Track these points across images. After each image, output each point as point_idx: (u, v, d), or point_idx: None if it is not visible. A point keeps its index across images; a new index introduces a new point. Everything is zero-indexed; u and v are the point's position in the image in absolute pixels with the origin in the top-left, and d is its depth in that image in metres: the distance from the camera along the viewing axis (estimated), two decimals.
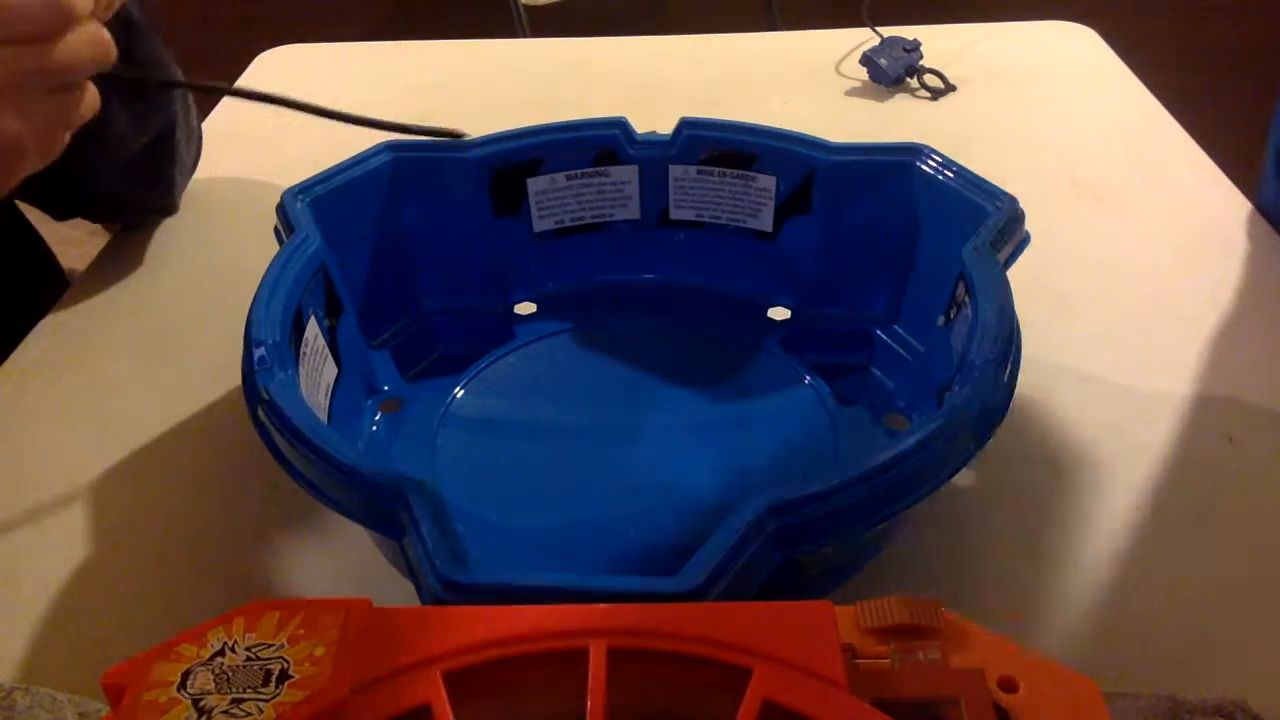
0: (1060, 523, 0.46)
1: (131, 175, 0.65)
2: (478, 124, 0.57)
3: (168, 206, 0.70)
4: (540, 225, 0.57)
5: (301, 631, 0.29)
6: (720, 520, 0.34)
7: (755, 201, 0.56)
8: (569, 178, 0.56)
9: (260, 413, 0.40)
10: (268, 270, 0.46)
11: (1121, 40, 0.90)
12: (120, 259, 0.67)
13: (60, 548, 0.47)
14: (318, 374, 0.48)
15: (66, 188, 0.64)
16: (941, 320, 0.49)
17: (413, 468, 0.49)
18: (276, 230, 0.50)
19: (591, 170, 0.56)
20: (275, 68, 0.92)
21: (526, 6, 1.60)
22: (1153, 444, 0.50)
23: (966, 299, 0.45)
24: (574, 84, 0.87)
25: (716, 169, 0.55)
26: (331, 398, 0.49)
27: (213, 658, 0.29)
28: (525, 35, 1.58)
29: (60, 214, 0.68)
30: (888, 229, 0.53)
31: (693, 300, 0.58)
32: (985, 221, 0.47)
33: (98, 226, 0.77)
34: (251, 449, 0.41)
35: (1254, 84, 0.70)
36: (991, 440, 0.39)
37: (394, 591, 0.43)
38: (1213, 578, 0.44)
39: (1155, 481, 0.48)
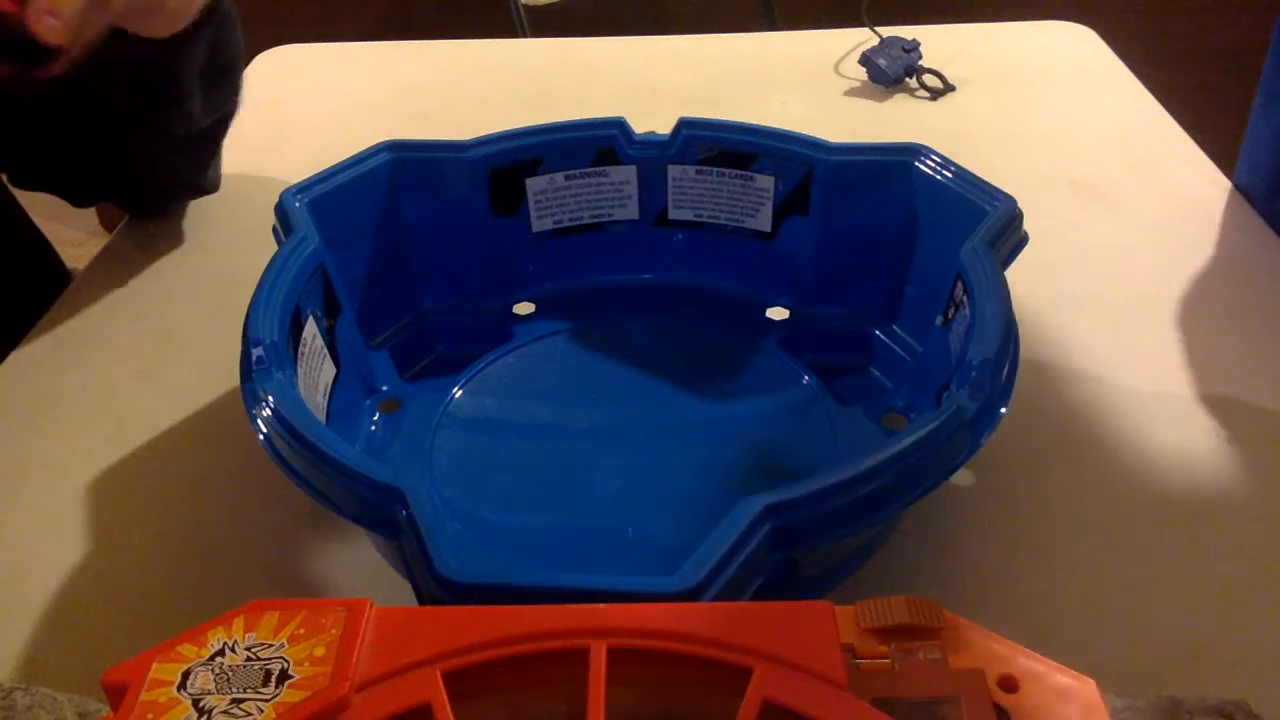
0: (1059, 522, 0.46)
1: (188, 151, 0.67)
2: (477, 124, 0.57)
3: (209, 185, 0.71)
4: (539, 225, 0.57)
5: (301, 631, 0.29)
6: (718, 520, 0.35)
7: (754, 201, 0.56)
8: (568, 178, 0.56)
9: (258, 412, 0.40)
10: (266, 270, 0.46)
11: (1121, 40, 0.90)
12: (120, 259, 0.67)
13: (60, 548, 0.47)
14: (316, 374, 0.48)
15: (125, 158, 0.66)
16: (940, 320, 0.49)
17: (411, 468, 0.49)
18: (275, 230, 0.50)
19: (590, 170, 0.56)
20: (275, 68, 0.92)
21: (526, 6, 1.60)
22: (1151, 443, 0.50)
23: (965, 299, 0.45)
24: (573, 84, 0.87)
25: (715, 169, 0.55)
26: (330, 398, 0.49)
27: (213, 658, 0.29)
28: (525, 35, 1.58)
29: (79, 202, 0.68)
30: (886, 229, 0.53)
31: (691, 300, 0.58)
32: (983, 221, 0.47)
33: (98, 226, 0.77)
34: (251, 449, 0.41)
35: (1253, 84, 0.70)
36: (989, 440, 0.39)
37: (394, 591, 0.43)
38: (1212, 577, 0.44)
39: (1153, 481, 0.48)
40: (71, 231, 0.78)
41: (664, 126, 0.56)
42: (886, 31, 0.86)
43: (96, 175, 0.67)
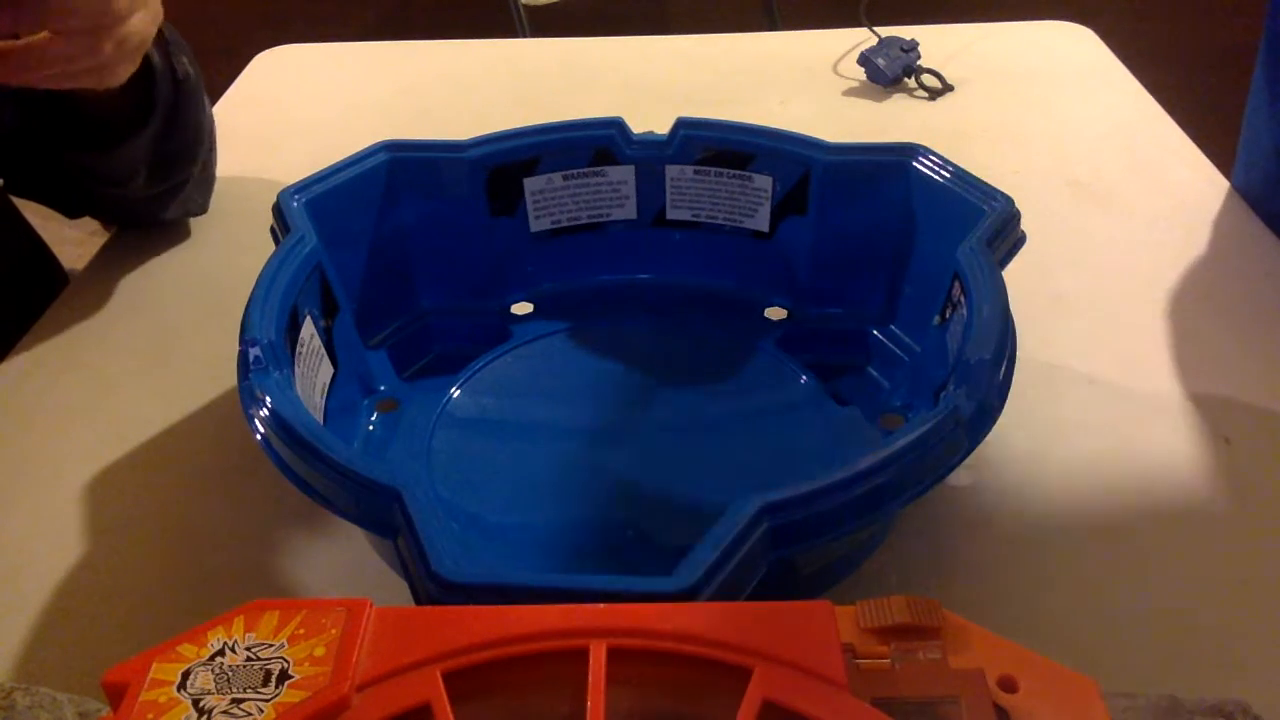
0: (1058, 522, 0.46)
1: (145, 205, 0.67)
2: (476, 123, 0.57)
3: (189, 212, 0.71)
4: (537, 225, 0.57)
5: (301, 631, 0.29)
6: (716, 520, 0.35)
7: (752, 201, 0.56)
8: (566, 178, 0.56)
9: (255, 412, 0.40)
10: (263, 270, 0.46)
11: (1119, 40, 0.90)
12: (120, 259, 0.67)
13: (60, 548, 0.47)
14: (314, 374, 0.48)
15: (82, 205, 0.68)
16: (937, 320, 0.49)
17: (409, 467, 0.49)
18: (273, 230, 0.50)
19: (588, 170, 0.56)
20: (273, 67, 0.92)
21: (526, 6, 1.60)
22: (1149, 444, 0.50)
23: (962, 299, 0.45)
24: (573, 84, 0.87)
25: (713, 169, 0.55)
26: (328, 397, 0.49)
27: (213, 658, 0.29)
28: (525, 35, 1.58)
29: (72, 214, 0.69)
30: (884, 229, 0.53)
31: (689, 300, 0.58)
32: (981, 221, 0.47)
33: (98, 226, 0.77)
34: (251, 449, 0.41)
35: (1251, 84, 0.70)
36: (987, 440, 0.39)
37: (393, 592, 0.43)
38: (1211, 578, 0.44)
39: (1152, 481, 0.48)
40: (71, 231, 0.78)
41: (662, 126, 0.56)
42: (885, 31, 0.86)
43: (76, 203, 0.68)
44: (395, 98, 0.86)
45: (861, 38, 0.88)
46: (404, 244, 0.55)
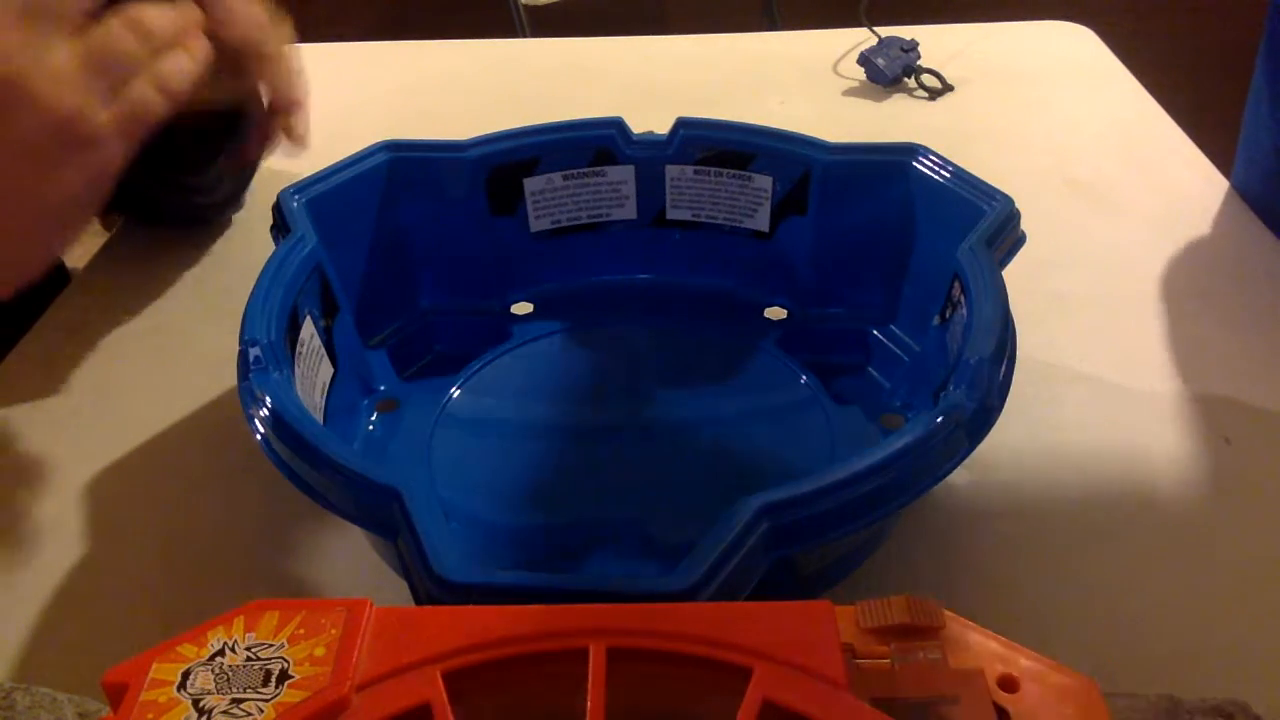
0: (1058, 522, 0.46)
1: (212, 208, 0.69)
2: (476, 124, 0.57)
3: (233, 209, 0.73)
4: (537, 225, 0.57)
5: (301, 631, 0.29)
6: (716, 520, 0.35)
7: (752, 201, 0.56)
8: (565, 177, 0.56)
9: (255, 412, 0.40)
10: (263, 270, 0.46)
11: (1119, 40, 0.90)
12: (119, 258, 0.67)
13: (60, 548, 0.47)
14: (313, 374, 0.48)
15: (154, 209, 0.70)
16: (937, 320, 0.49)
17: (409, 468, 0.49)
18: (273, 229, 0.50)
19: (588, 170, 0.56)
20: None
21: (526, 6, 1.60)
22: (1149, 444, 0.50)
23: (962, 299, 0.45)
24: (573, 84, 0.87)
25: (713, 169, 0.55)
26: (327, 398, 0.49)
27: (213, 658, 0.29)
28: (525, 35, 1.58)
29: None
30: (884, 229, 0.53)
31: (689, 300, 0.58)
32: (981, 221, 0.47)
33: (98, 226, 0.77)
34: (251, 448, 0.41)
35: (1250, 84, 0.70)
36: (987, 439, 0.39)
37: (393, 592, 0.43)
38: (1211, 578, 0.44)
39: (1152, 481, 0.48)
40: None
41: (663, 126, 0.56)
42: (885, 31, 0.86)
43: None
44: (395, 98, 0.86)
45: (861, 38, 0.88)
46: (404, 244, 0.55)
